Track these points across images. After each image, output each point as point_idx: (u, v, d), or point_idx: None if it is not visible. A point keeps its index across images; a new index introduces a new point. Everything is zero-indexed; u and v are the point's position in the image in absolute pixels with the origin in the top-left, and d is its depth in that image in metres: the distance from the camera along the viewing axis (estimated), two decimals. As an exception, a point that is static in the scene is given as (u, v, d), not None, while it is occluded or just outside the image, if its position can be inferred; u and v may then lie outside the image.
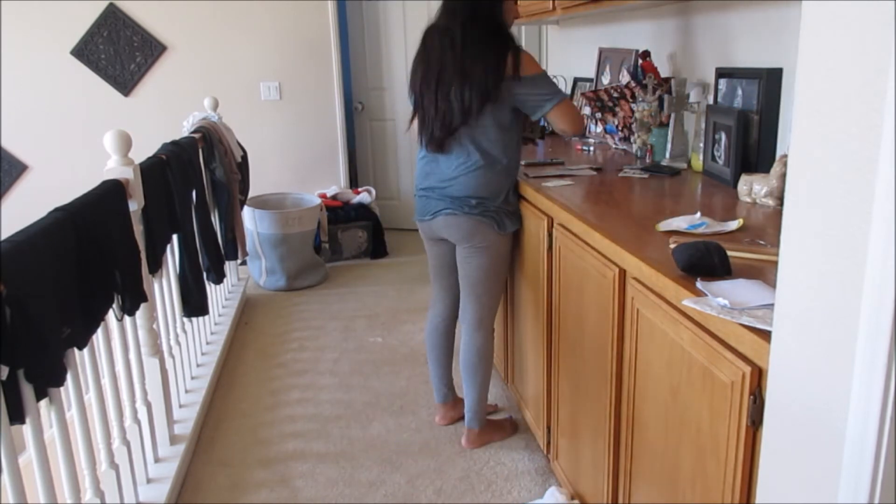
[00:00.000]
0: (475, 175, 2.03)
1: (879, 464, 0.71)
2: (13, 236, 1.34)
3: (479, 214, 2.06)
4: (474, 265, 2.13)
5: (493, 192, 2.05)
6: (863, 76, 0.69)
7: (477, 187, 2.03)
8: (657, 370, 1.31)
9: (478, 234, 2.08)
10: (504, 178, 2.06)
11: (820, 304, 0.77)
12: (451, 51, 1.95)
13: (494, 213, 2.07)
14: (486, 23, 1.95)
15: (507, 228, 2.11)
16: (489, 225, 2.07)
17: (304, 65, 4.42)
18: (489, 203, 2.05)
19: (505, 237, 2.12)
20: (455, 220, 2.09)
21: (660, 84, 2.38)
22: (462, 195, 2.05)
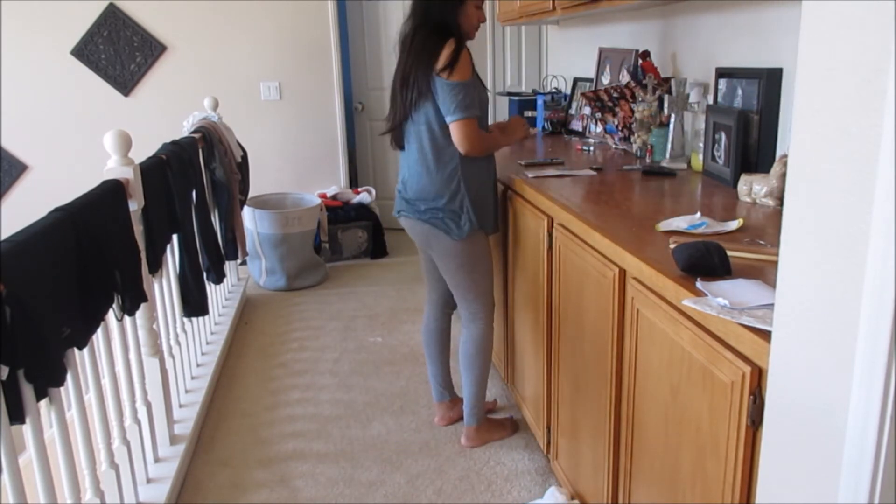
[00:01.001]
0: (418, 176, 2.06)
1: (879, 464, 0.71)
2: (13, 236, 1.34)
3: (428, 220, 2.07)
4: (444, 269, 2.15)
5: (436, 193, 2.04)
6: (863, 76, 0.69)
7: (420, 189, 2.06)
8: (657, 370, 1.31)
9: (432, 239, 2.10)
10: (448, 178, 2.03)
11: (820, 304, 0.77)
12: (405, 53, 2.04)
13: (443, 218, 2.05)
14: (435, 26, 1.99)
15: (461, 232, 2.05)
16: (440, 231, 2.06)
17: (304, 65, 4.42)
18: (435, 205, 2.05)
19: (464, 242, 2.07)
20: (409, 223, 2.14)
21: (660, 84, 2.38)
22: (412, 197, 2.09)
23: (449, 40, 1.94)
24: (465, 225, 2.05)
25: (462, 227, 2.05)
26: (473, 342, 2.23)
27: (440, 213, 2.05)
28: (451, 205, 2.05)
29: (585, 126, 3.12)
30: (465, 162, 2.04)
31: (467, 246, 2.09)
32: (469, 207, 2.05)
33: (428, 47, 1.96)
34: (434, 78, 1.95)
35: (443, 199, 2.04)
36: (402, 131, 2.09)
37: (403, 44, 2.05)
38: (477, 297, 2.18)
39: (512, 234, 2.30)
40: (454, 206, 2.05)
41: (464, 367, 2.27)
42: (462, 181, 2.05)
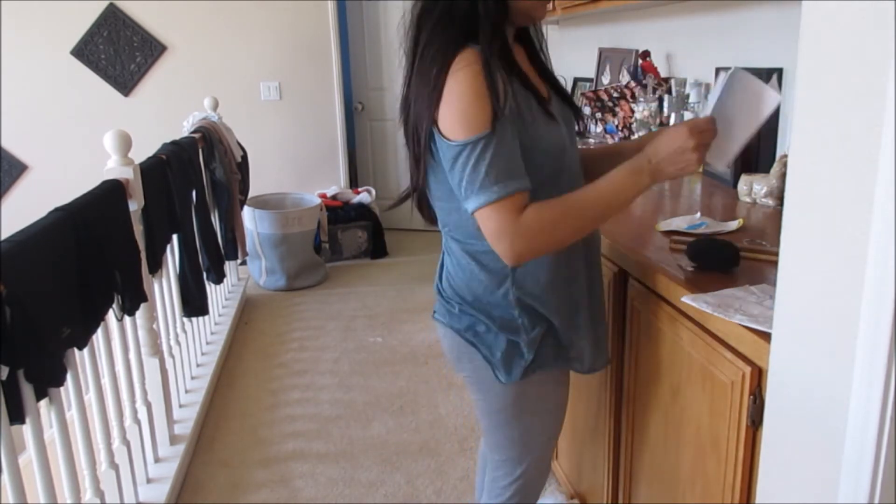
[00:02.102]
0: (448, 259, 1.27)
1: (879, 464, 0.71)
2: (13, 236, 1.34)
3: (465, 330, 1.24)
4: (475, 400, 1.35)
5: (475, 287, 1.21)
6: (863, 76, 0.69)
7: (450, 277, 1.26)
8: (657, 370, 1.31)
9: (465, 361, 1.27)
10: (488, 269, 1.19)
11: (820, 304, 0.77)
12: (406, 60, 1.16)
13: (489, 334, 1.22)
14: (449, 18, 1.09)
15: (509, 374, 1.21)
16: (479, 357, 1.23)
17: (304, 65, 4.42)
18: (481, 308, 1.21)
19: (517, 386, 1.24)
20: (441, 331, 1.31)
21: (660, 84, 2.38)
22: (442, 291, 1.29)
23: (464, 52, 1.06)
24: (521, 359, 1.21)
25: (513, 365, 1.21)
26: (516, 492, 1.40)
27: (482, 325, 1.22)
28: (500, 318, 1.21)
29: (585, 126, 3.12)
30: None
31: (526, 389, 1.27)
32: (524, 328, 1.20)
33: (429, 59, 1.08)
34: (432, 131, 1.09)
35: (489, 303, 1.21)
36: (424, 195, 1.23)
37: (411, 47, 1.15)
38: (530, 446, 1.35)
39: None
40: (506, 321, 1.21)
41: None
42: (514, 286, 1.19)
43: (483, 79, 1.05)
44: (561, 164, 1.17)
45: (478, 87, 1.05)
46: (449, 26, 1.08)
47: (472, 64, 1.05)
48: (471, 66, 1.05)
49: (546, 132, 1.14)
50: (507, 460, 1.37)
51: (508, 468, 1.38)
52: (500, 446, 1.36)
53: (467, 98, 1.05)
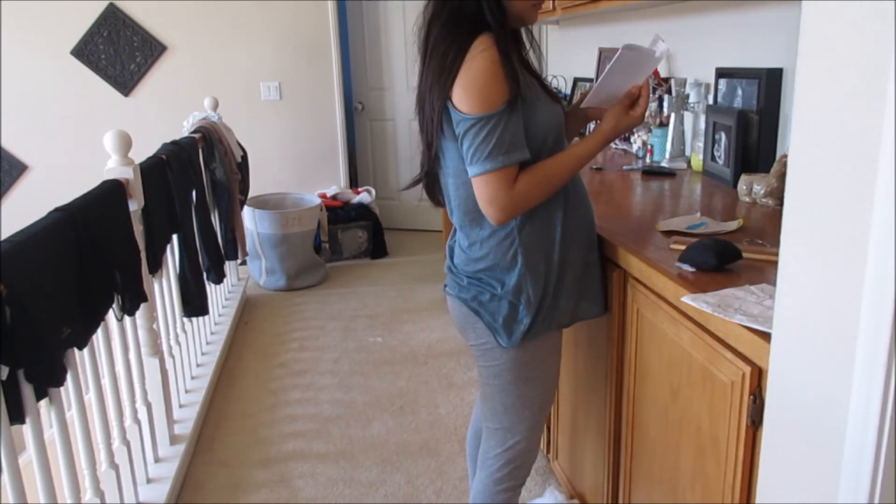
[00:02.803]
0: (460, 236, 1.40)
1: (879, 464, 0.71)
2: (13, 236, 1.34)
3: (471, 301, 1.37)
4: (481, 368, 1.44)
5: (485, 255, 1.34)
6: (863, 76, 0.69)
7: (462, 253, 1.39)
8: (657, 370, 1.31)
9: (470, 329, 1.40)
10: (496, 234, 1.32)
11: (820, 304, 0.77)
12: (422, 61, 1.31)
13: (492, 304, 1.34)
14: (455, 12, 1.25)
15: (511, 338, 1.34)
16: (483, 325, 1.36)
17: (304, 65, 4.42)
18: (486, 277, 1.35)
19: (518, 350, 1.36)
20: (450, 302, 1.45)
21: (660, 84, 2.38)
22: (455, 264, 1.43)
23: (478, 38, 1.21)
24: (520, 324, 1.34)
25: (515, 329, 1.34)
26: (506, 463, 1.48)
27: (488, 293, 1.34)
28: (499, 291, 1.34)
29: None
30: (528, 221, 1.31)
31: (522, 355, 1.38)
32: (531, 294, 1.32)
33: (441, 53, 1.23)
34: (447, 105, 1.23)
35: (492, 279, 1.34)
36: (435, 179, 1.39)
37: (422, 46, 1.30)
38: (522, 414, 1.44)
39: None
40: (508, 288, 1.33)
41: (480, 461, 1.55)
42: (522, 253, 1.32)
43: (498, 61, 1.20)
44: (558, 138, 1.35)
45: (494, 69, 1.20)
46: (459, 25, 1.24)
47: (490, 48, 1.21)
48: (489, 50, 1.20)
49: (548, 108, 1.32)
50: (500, 429, 1.46)
51: (500, 437, 1.46)
52: (495, 413, 1.45)
53: (486, 77, 1.20)
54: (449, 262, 1.45)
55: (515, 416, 1.44)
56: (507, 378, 1.40)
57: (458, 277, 1.40)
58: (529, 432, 1.46)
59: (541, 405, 1.46)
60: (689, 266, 1.23)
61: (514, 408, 1.43)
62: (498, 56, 1.20)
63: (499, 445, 1.47)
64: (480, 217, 1.31)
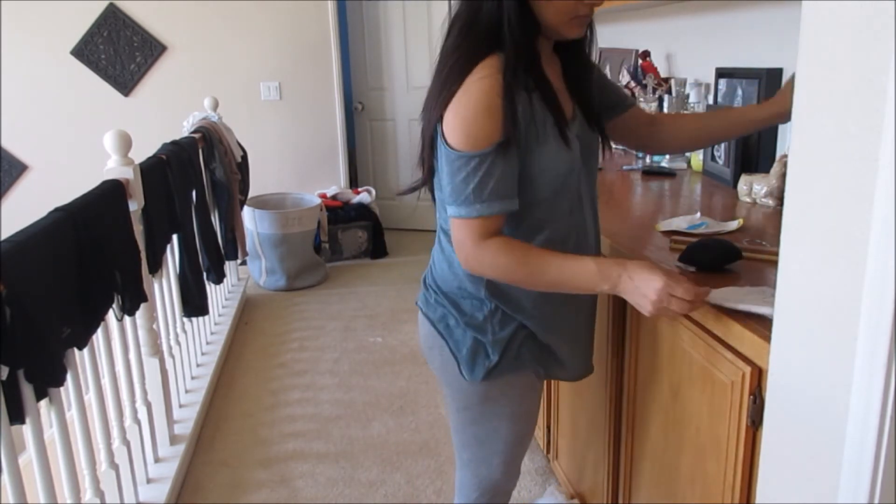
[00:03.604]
0: (436, 248, 1.28)
1: (879, 464, 0.71)
2: (13, 236, 1.34)
3: (438, 322, 1.25)
4: (445, 398, 1.34)
5: (452, 279, 1.22)
6: (863, 76, 0.69)
7: (433, 267, 1.28)
8: (657, 370, 1.31)
9: (435, 352, 1.27)
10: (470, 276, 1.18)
11: (820, 304, 0.77)
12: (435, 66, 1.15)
13: (457, 330, 1.22)
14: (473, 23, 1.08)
15: (473, 372, 1.21)
16: (447, 351, 1.23)
17: (304, 65, 4.42)
18: (453, 301, 1.22)
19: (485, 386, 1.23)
20: (419, 318, 1.32)
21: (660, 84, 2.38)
22: (428, 280, 1.30)
23: (487, 59, 1.05)
24: (486, 359, 1.20)
25: (478, 364, 1.21)
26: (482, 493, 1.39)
27: (452, 318, 1.22)
28: (469, 316, 1.21)
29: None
30: None
31: (490, 391, 1.25)
32: (492, 328, 1.20)
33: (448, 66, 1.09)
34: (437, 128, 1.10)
35: (466, 292, 1.21)
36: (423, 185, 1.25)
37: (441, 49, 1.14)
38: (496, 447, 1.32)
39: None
40: (474, 322, 1.20)
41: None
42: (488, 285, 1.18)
43: (497, 93, 1.03)
44: (563, 186, 1.15)
45: (489, 102, 1.03)
46: (473, 32, 1.07)
47: (491, 76, 1.03)
48: (488, 78, 1.03)
49: (554, 154, 1.11)
50: (473, 460, 1.35)
51: (473, 468, 1.35)
52: (466, 445, 1.34)
53: (476, 110, 1.03)
54: (426, 273, 1.31)
55: (489, 449, 1.31)
56: (478, 411, 1.26)
57: (427, 293, 1.28)
58: (504, 466, 1.33)
59: (516, 441, 1.32)
60: (689, 266, 1.23)
61: (486, 441, 1.30)
62: (498, 87, 1.03)
63: (473, 476, 1.36)
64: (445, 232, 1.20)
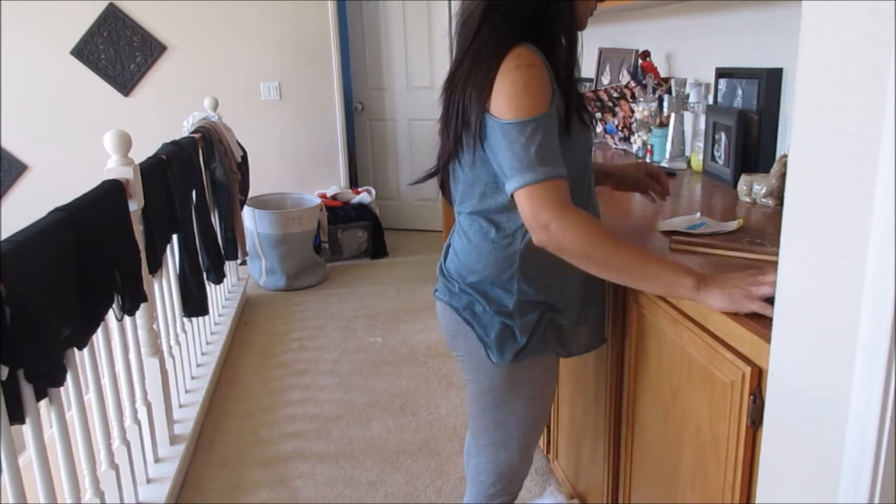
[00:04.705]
0: (457, 238, 1.32)
1: (879, 464, 0.71)
2: (13, 236, 1.34)
3: (463, 310, 1.29)
4: (468, 381, 1.37)
5: (480, 269, 1.26)
6: (862, 76, 0.69)
7: (456, 257, 1.31)
8: (657, 370, 1.31)
9: (460, 339, 1.31)
10: (497, 251, 1.23)
11: (820, 304, 0.77)
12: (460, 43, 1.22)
13: (485, 317, 1.26)
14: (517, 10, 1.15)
15: (503, 354, 1.26)
16: (475, 337, 1.28)
17: (304, 65, 4.42)
18: (480, 290, 1.26)
19: (510, 368, 1.28)
20: (441, 308, 1.36)
21: (660, 84, 2.38)
22: (449, 270, 1.33)
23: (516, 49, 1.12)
24: (515, 342, 1.26)
25: (507, 347, 1.26)
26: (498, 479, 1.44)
27: (483, 303, 1.26)
28: (497, 304, 1.26)
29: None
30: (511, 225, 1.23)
31: (515, 373, 1.30)
32: (527, 318, 1.25)
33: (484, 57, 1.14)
34: (484, 117, 1.14)
35: (497, 281, 1.25)
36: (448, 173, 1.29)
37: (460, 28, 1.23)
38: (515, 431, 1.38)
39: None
40: (502, 308, 1.26)
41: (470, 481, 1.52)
42: (520, 272, 1.23)
43: (540, 73, 1.12)
44: (584, 168, 1.27)
45: (538, 75, 1.12)
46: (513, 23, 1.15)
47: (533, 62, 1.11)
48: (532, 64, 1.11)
49: (577, 133, 1.20)
50: (491, 445, 1.39)
51: (491, 453, 1.40)
52: (486, 430, 1.39)
53: (526, 82, 1.10)
54: (442, 263, 1.36)
55: (507, 433, 1.37)
56: (500, 394, 1.32)
57: (449, 283, 1.31)
58: (522, 450, 1.39)
59: (535, 423, 1.38)
60: None
61: (506, 424, 1.36)
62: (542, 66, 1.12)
63: (490, 461, 1.41)
64: (490, 227, 1.23)
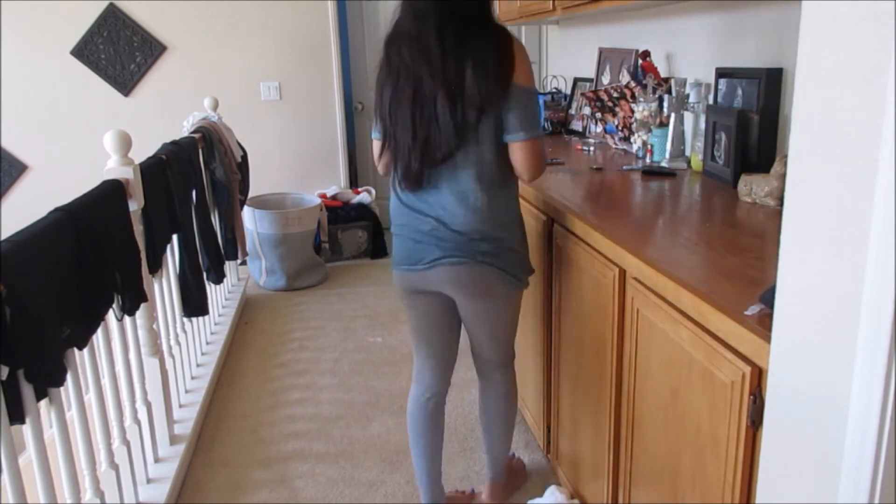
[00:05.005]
0: (487, 203, 1.59)
1: (879, 464, 0.71)
2: (13, 236, 1.34)
3: (494, 263, 1.62)
4: (492, 319, 1.76)
5: (509, 222, 1.65)
6: (862, 76, 0.69)
7: (490, 220, 1.59)
8: (657, 370, 1.31)
9: (494, 287, 1.66)
10: (515, 203, 1.68)
11: (820, 304, 0.77)
12: (426, 60, 1.50)
13: (513, 261, 1.66)
14: (469, 20, 1.52)
15: (523, 281, 1.73)
16: (507, 275, 1.66)
17: (304, 65, 4.42)
18: (505, 244, 1.63)
19: (522, 289, 1.76)
20: (465, 270, 1.62)
21: (660, 84, 2.38)
22: (470, 233, 1.59)
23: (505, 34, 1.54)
24: (527, 269, 1.75)
25: (525, 273, 1.74)
26: (507, 391, 1.90)
27: (510, 254, 1.65)
28: (514, 245, 1.67)
29: (585, 126, 3.12)
30: (514, 182, 1.67)
31: (521, 295, 1.79)
32: (524, 243, 1.73)
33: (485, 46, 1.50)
34: (513, 86, 1.50)
35: (513, 231, 1.67)
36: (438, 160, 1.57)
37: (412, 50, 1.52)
38: (511, 340, 1.87)
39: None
40: (516, 245, 1.67)
41: (501, 423, 1.93)
42: (517, 215, 1.69)
43: None
44: None
45: None
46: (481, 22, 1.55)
47: None
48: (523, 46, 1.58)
49: None
50: (506, 359, 1.88)
51: (506, 360, 1.88)
52: (506, 345, 1.85)
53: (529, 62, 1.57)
54: (454, 237, 1.60)
55: (512, 345, 1.87)
56: (517, 314, 1.82)
57: (473, 243, 1.60)
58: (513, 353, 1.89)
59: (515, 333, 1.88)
60: None
61: (512, 338, 1.86)
62: None
63: (508, 370, 1.89)
64: (504, 180, 1.61)
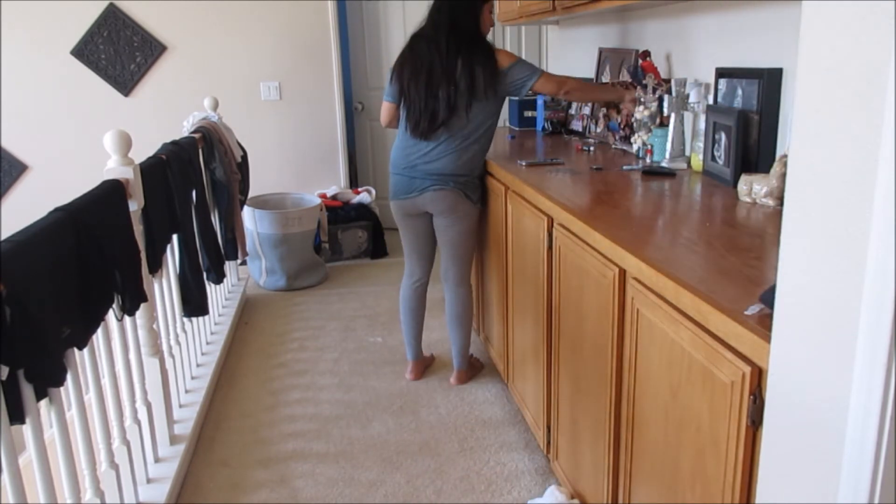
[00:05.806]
0: (460, 156, 2.44)
1: (879, 464, 0.71)
2: (13, 236, 1.34)
3: (461, 189, 2.47)
4: (456, 231, 2.55)
5: (472, 169, 2.48)
6: (863, 76, 0.69)
7: (460, 166, 2.44)
8: (657, 370, 1.31)
9: (458, 205, 2.50)
10: (482, 158, 2.53)
11: (820, 304, 0.77)
12: (437, 56, 2.35)
13: (471, 188, 2.51)
14: (465, 33, 2.36)
15: (477, 201, 2.56)
16: (466, 198, 2.50)
17: (304, 65, 4.42)
18: (467, 179, 2.48)
19: (476, 207, 2.56)
20: (442, 194, 2.47)
21: (660, 84, 2.38)
22: (447, 173, 2.44)
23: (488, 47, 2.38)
24: (479, 193, 2.56)
25: (478, 196, 2.56)
26: (463, 301, 2.66)
27: (469, 185, 2.49)
28: (474, 179, 2.52)
29: (585, 126, 3.12)
30: (488, 144, 2.50)
31: (477, 211, 2.58)
32: (478, 182, 2.57)
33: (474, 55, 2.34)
34: (499, 77, 2.36)
35: (473, 174, 2.50)
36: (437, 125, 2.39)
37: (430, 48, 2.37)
38: (468, 259, 2.62)
39: (511, 234, 2.30)
40: (475, 179, 2.53)
41: (457, 322, 2.68)
42: (478, 167, 2.54)
43: None
44: None
45: None
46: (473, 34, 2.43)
47: None
48: None
49: None
50: (462, 279, 2.65)
51: (463, 279, 2.65)
52: (465, 261, 2.62)
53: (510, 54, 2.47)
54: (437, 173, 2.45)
55: (468, 259, 2.64)
56: (473, 227, 2.58)
57: (452, 177, 2.45)
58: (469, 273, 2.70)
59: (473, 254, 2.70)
60: None
61: (471, 250, 2.63)
62: None
63: (462, 285, 2.66)
64: (477, 147, 2.46)
